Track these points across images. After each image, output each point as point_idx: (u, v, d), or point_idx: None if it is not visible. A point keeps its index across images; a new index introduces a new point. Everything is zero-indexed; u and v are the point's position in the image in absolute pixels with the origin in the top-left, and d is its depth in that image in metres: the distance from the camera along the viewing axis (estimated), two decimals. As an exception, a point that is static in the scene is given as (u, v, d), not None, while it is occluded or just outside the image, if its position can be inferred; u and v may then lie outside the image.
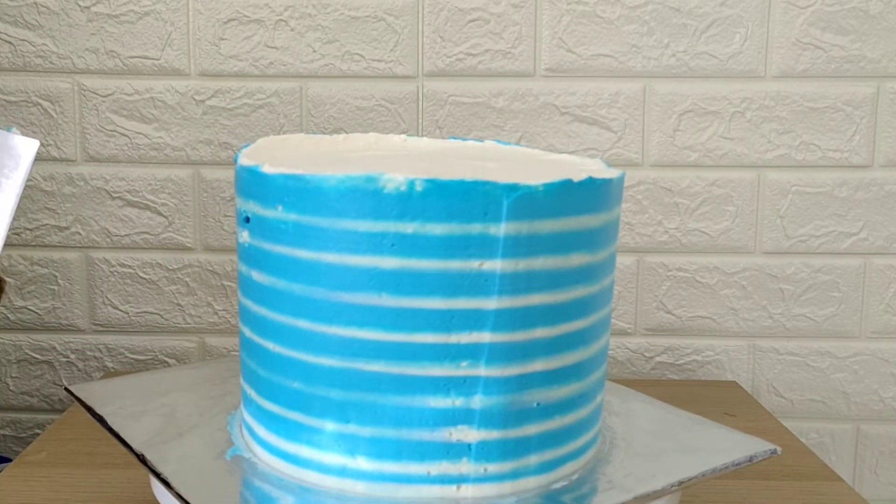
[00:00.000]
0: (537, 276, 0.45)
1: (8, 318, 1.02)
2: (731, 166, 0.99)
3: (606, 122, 0.98)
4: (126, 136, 0.98)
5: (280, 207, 0.45)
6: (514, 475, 0.47)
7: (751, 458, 0.53)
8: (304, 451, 0.47)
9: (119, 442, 0.53)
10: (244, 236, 0.49)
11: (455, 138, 0.64)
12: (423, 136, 0.98)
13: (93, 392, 0.60)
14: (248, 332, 0.50)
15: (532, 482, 0.48)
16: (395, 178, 0.42)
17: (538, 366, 0.46)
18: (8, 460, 0.74)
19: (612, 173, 0.49)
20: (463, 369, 0.44)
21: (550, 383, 0.47)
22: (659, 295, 1.01)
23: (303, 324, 0.46)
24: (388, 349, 0.44)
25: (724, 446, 0.54)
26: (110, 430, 0.54)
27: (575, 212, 0.46)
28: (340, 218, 0.43)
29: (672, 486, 0.49)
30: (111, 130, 0.99)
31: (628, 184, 0.99)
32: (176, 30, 0.97)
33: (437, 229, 0.43)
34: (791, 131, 0.98)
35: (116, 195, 1.00)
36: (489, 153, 0.59)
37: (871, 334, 1.01)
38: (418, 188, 0.42)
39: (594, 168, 0.52)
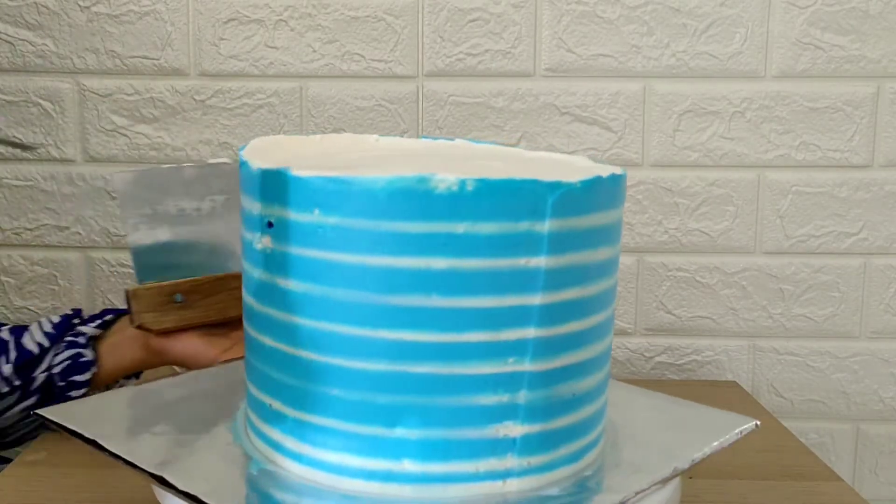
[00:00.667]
0: (574, 271, 0.46)
1: (8, 318, 1.02)
2: (731, 166, 0.99)
3: (606, 122, 0.98)
4: (126, 136, 0.98)
5: (317, 211, 0.44)
6: (552, 466, 0.48)
7: (740, 433, 0.56)
8: (347, 460, 0.46)
9: (126, 465, 0.49)
10: (264, 242, 0.47)
11: (427, 137, 0.64)
12: (422, 135, 0.98)
13: (72, 414, 0.55)
14: (269, 341, 0.48)
15: (566, 471, 0.48)
16: (446, 179, 0.42)
17: (573, 358, 0.47)
18: (8, 460, 0.74)
19: (614, 169, 0.50)
20: (510, 365, 0.45)
21: (582, 374, 0.48)
22: (659, 295, 1.01)
23: (344, 329, 0.44)
24: (438, 350, 0.44)
25: (717, 425, 0.57)
26: (111, 454, 0.50)
27: (602, 207, 0.47)
28: (388, 220, 0.42)
29: (687, 465, 0.51)
30: (111, 130, 0.99)
31: (628, 184, 0.99)
32: (176, 30, 0.97)
33: (487, 228, 0.43)
34: (791, 131, 0.98)
35: (116, 195, 1.00)
36: (476, 152, 0.59)
37: (871, 334, 1.01)
38: (469, 188, 0.42)
39: (582, 164, 0.54)
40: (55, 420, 0.55)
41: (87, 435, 0.52)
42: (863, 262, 1.00)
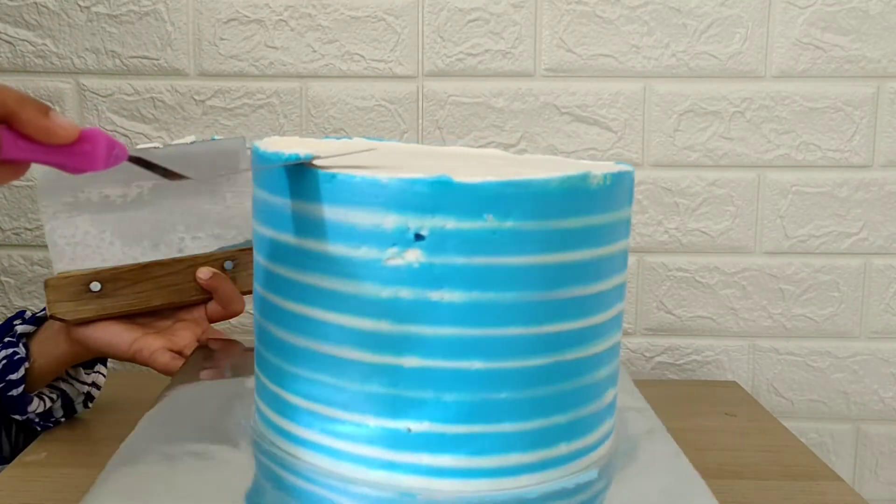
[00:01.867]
0: (624, 255, 0.50)
1: (8, 318, 1.02)
2: (731, 166, 0.99)
3: (606, 122, 0.98)
4: (126, 136, 0.98)
5: (490, 217, 0.43)
6: (611, 432, 0.51)
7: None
8: (480, 463, 0.45)
9: None
10: (407, 256, 0.43)
11: (339, 137, 0.64)
12: (421, 136, 0.98)
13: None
14: (415, 361, 0.44)
15: (613, 435, 0.52)
16: (598, 174, 0.45)
17: (620, 332, 0.52)
18: (8, 460, 0.74)
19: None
20: (614, 339, 0.49)
21: (617, 349, 0.53)
22: (659, 295, 1.01)
23: (512, 331, 0.44)
24: (581, 335, 0.46)
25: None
26: None
27: (630, 200, 0.51)
28: (556, 218, 0.44)
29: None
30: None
31: (628, 184, 0.99)
32: (176, 30, 0.97)
33: (608, 218, 0.46)
34: (791, 131, 0.98)
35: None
36: (440, 153, 0.59)
37: (871, 334, 1.01)
38: (608, 182, 0.45)
39: (535, 159, 0.57)
40: None
41: None
42: (863, 262, 1.00)
